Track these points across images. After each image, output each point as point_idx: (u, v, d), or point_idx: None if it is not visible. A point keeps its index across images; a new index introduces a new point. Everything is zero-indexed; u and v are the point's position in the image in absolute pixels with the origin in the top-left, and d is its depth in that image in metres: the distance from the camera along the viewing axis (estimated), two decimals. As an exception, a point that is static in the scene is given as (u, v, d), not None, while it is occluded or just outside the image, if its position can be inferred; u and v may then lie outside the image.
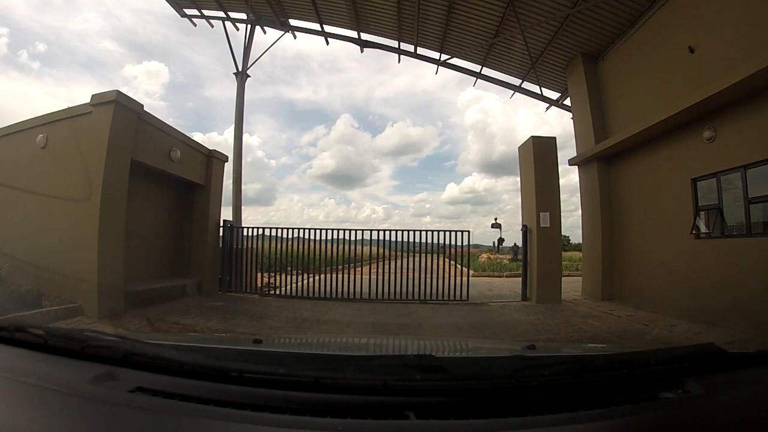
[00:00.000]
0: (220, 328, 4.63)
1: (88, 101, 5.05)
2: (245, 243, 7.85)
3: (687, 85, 5.60)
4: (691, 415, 0.79)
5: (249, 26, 11.37)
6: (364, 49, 10.71)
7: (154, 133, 6.03)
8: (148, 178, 6.29)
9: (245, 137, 13.74)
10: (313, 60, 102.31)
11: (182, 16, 11.09)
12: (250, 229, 7.93)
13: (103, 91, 5.11)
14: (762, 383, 0.91)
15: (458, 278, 7.28)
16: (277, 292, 7.57)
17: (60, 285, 4.70)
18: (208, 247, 7.37)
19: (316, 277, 7.72)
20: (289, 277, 7.66)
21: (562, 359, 1.20)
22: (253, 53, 11.73)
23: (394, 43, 10.45)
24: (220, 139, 77.20)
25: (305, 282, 7.52)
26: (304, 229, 7.79)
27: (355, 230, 7.77)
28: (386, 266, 7.59)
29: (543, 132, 28.10)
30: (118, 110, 5.01)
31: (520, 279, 7.76)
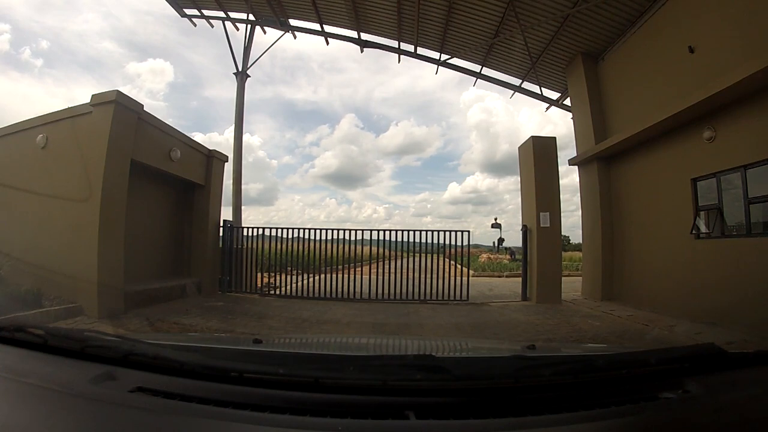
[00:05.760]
0: (220, 328, 4.63)
1: (88, 101, 5.06)
2: (245, 243, 7.85)
3: (687, 85, 5.59)
4: (691, 415, 0.78)
5: (249, 26, 11.37)
6: (364, 49, 10.71)
7: (154, 133, 6.03)
8: (148, 178, 6.30)
9: (246, 137, 13.78)
10: (312, 60, 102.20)
11: (182, 16, 11.09)
12: (251, 229, 7.94)
13: (103, 91, 5.13)
14: (762, 383, 0.91)
15: (458, 278, 7.28)
16: (277, 292, 7.58)
17: (60, 285, 4.70)
18: (208, 247, 7.37)
19: (317, 277, 7.72)
20: (289, 277, 7.66)
21: (563, 359, 1.19)
22: (253, 53, 11.73)
23: (394, 43, 10.46)
24: (220, 139, 76.86)
25: (305, 282, 7.52)
26: (304, 229, 7.84)
27: (356, 230, 7.81)
28: (386, 266, 7.59)
29: (547, 131, 27.91)
30: (118, 110, 5.02)
31: (520, 279, 7.76)
